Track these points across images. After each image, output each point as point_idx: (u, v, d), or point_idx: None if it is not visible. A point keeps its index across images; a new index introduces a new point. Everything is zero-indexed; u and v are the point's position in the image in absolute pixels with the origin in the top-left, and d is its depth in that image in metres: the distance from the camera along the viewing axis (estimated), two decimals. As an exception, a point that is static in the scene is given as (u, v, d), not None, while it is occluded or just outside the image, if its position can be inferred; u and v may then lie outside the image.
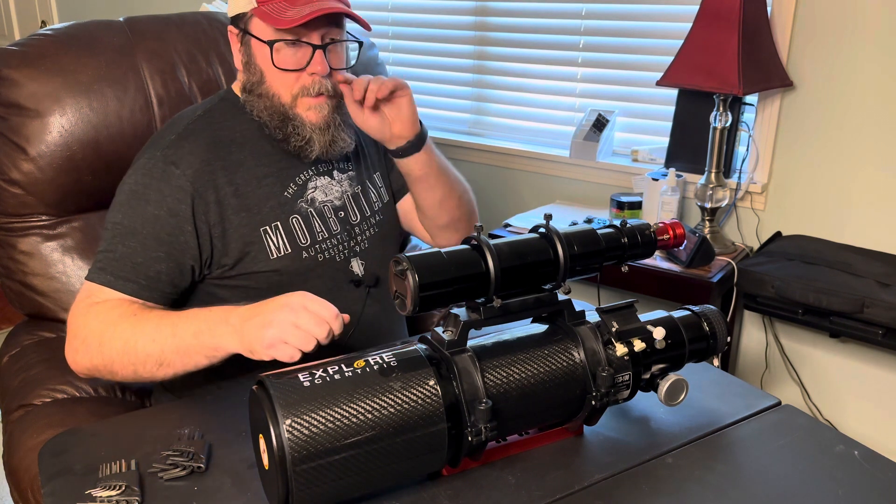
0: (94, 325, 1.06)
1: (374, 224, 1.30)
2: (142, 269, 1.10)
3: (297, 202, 1.20)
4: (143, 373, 1.04)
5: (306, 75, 1.15)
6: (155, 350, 1.02)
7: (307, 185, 1.22)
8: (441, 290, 0.80)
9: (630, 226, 0.94)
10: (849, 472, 0.87)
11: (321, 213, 1.22)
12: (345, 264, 1.23)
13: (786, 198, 2.04)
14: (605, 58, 2.32)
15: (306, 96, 1.16)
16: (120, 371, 1.05)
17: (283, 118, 1.16)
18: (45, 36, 1.40)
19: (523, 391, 0.84)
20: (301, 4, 1.11)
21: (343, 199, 1.26)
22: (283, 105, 1.16)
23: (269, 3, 1.12)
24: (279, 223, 1.17)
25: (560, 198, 2.43)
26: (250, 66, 1.17)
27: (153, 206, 1.11)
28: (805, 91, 1.95)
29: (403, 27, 2.76)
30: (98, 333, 1.05)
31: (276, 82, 1.15)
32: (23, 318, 1.45)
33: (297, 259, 1.18)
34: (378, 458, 0.76)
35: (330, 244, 1.22)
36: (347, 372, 0.77)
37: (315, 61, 1.14)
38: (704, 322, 0.96)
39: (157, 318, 1.04)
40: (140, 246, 1.10)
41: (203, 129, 1.18)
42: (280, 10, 1.11)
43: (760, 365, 2.15)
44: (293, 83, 1.15)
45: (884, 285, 1.71)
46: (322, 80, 1.15)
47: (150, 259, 1.10)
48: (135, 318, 1.05)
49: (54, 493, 0.82)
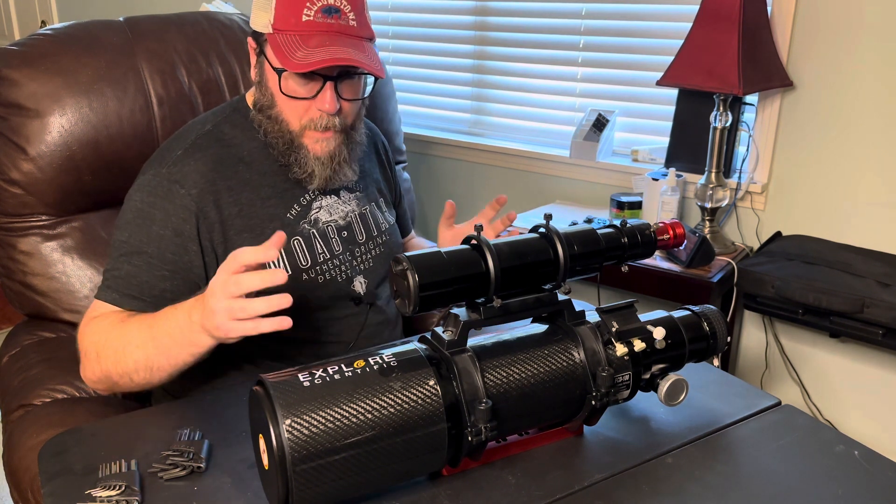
0: (91, 339, 1.07)
1: (381, 244, 1.29)
2: (146, 287, 1.10)
3: (299, 223, 1.19)
4: (139, 380, 1.04)
5: (314, 108, 1.13)
6: (142, 357, 1.02)
7: (311, 206, 1.21)
8: (441, 289, 0.80)
9: (630, 226, 0.94)
10: (849, 472, 0.87)
11: (324, 234, 1.21)
12: (347, 284, 1.23)
13: (786, 198, 2.04)
14: (605, 58, 2.32)
15: (314, 130, 1.14)
16: (119, 381, 1.05)
17: (290, 146, 1.15)
18: (45, 36, 1.40)
19: (523, 391, 0.84)
20: (313, 47, 1.06)
21: (349, 219, 1.25)
22: (291, 132, 1.14)
23: (283, 34, 1.08)
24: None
25: (560, 198, 2.43)
26: (262, 86, 1.16)
27: (158, 226, 1.11)
28: (805, 91, 1.95)
29: (403, 27, 2.76)
30: (95, 346, 1.06)
31: (286, 109, 1.14)
32: (23, 318, 1.45)
33: (297, 281, 1.17)
34: (378, 458, 0.76)
35: (331, 265, 1.21)
36: (347, 372, 0.77)
37: (323, 98, 1.11)
38: (704, 322, 0.96)
39: (138, 323, 1.04)
40: (145, 265, 1.10)
41: (210, 146, 1.17)
42: (291, 48, 1.07)
43: (760, 365, 2.15)
44: (302, 113, 1.13)
45: (884, 285, 1.71)
46: (329, 116, 1.12)
47: (154, 277, 1.10)
48: (122, 325, 1.05)
49: (54, 493, 0.82)
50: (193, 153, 1.15)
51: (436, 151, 2.66)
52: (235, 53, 1.55)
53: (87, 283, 1.39)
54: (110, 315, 1.08)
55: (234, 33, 1.57)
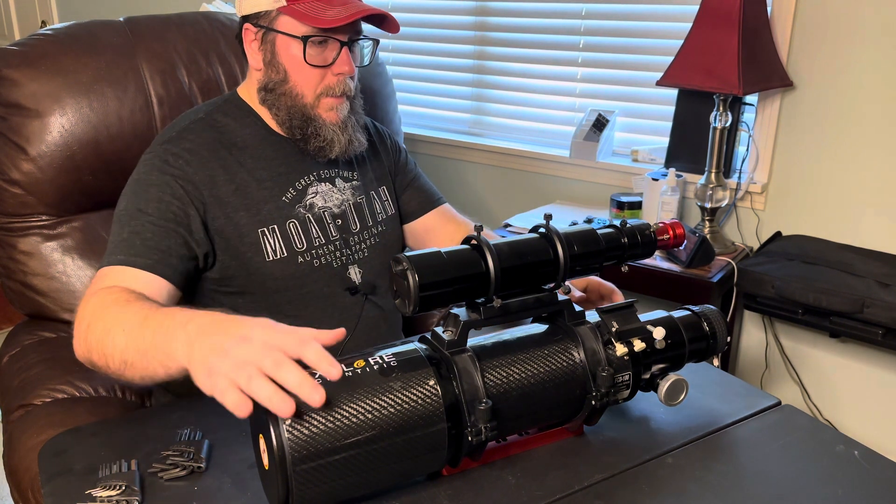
0: (90, 308, 0.97)
1: (376, 234, 1.29)
2: (152, 243, 1.07)
3: (294, 207, 1.20)
4: (114, 368, 0.91)
5: (331, 75, 1.16)
6: (121, 343, 0.89)
7: (307, 191, 1.22)
8: (441, 290, 0.80)
9: (630, 226, 0.94)
10: (849, 472, 0.87)
11: (319, 219, 1.22)
12: (342, 271, 1.23)
13: (786, 198, 2.04)
14: (605, 58, 2.32)
15: (329, 96, 1.17)
16: (97, 362, 0.94)
17: (305, 118, 1.17)
18: (45, 36, 1.40)
19: (523, 391, 0.84)
20: (338, 5, 1.13)
21: (343, 207, 1.25)
22: (305, 105, 1.17)
23: (303, 3, 1.13)
24: (276, 226, 1.17)
25: (560, 198, 2.43)
26: (273, 63, 1.17)
27: (156, 189, 1.11)
28: (805, 91, 1.95)
29: (403, 27, 2.73)
30: (89, 316, 0.95)
31: (301, 80, 1.16)
32: (23, 318, 1.45)
33: (292, 263, 1.18)
34: (378, 457, 0.76)
35: (326, 250, 1.22)
36: (347, 372, 0.77)
37: (342, 60, 1.16)
38: (704, 322, 0.96)
39: (138, 307, 0.92)
40: (148, 223, 1.08)
41: (203, 130, 1.18)
42: (317, 10, 1.12)
43: (760, 365, 2.15)
44: (318, 82, 1.16)
45: (884, 285, 1.71)
46: (347, 80, 1.18)
47: (158, 234, 1.08)
48: (123, 305, 0.93)
49: (54, 493, 0.82)
50: (187, 135, 1.17)
51: (436, 151, 2.66)
52: (235, 53, 1.55)
53: (88, 283, 1.39)
54: (121, 291, 0.98)
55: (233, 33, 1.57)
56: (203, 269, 1.16)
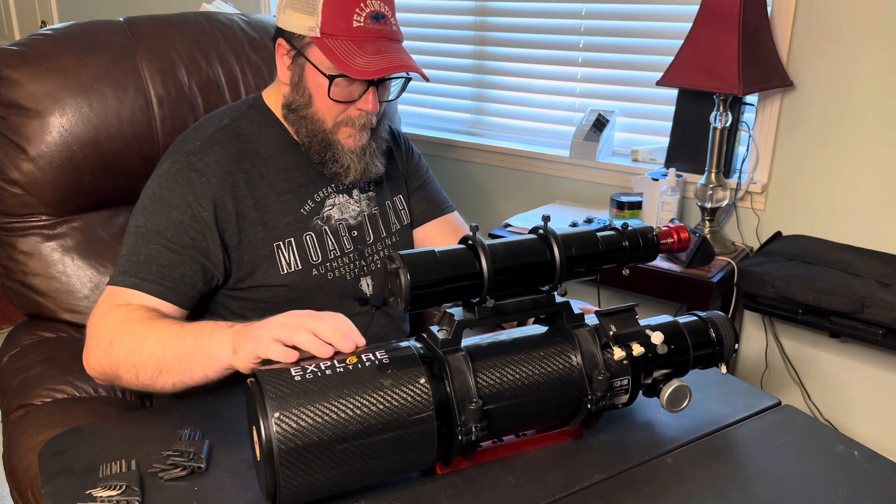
0: (110, 325, 1.03)
1: (390, 245, 1.30)
2: (167, 271, 1.09)
3: (312, 219, 1.20)
4: (144, 378, 1.00)
5: (354, 108, 1.16)
6: (157, 352, 0.98)
7: (325, 203, 1.22)
8: (433, 289, 0.80)
9: (632, 228, 0.93)
10: (849, 472, 0.87)
11: (335, 231, 1.22)
12: (354, 283, 1.24)
13: (786, 198, 2.04)
14: (605, 58, 2.32)
15: (349, 126, 1.17)
16: (123, 375, 1.02)
17: (325, 143, 1.17)
18: (45, 36, 1.40)
19: (517, 392, 0.83)
20: (370, 54, 1.10)
21: (359, 219, 1.26)
22: (325, 131, 1.17)
23: (334, 39, 1.10)
24: (293, 239, 1.18)
25: (560, 198, 2.43)
26: (300, 87, 1.17)
27: (177, 211, 1.11)
28: (805, 91, 1.95)
29: (403, 27, 2.73)
30: (111, 332, 1.02)
31: (324, 108, 1.16)
32: (23, 318, 1.45)
33: (306, 276, 1.18)
34: (366, 453, 0.76)
35: (341, 262, 1.22)
36: (339, 368, 0.78)
37: (366, 100, 1.15)
38: (711, 328, 0.95)
39: (169, 323, 1.02)
40: (165, 248, 1.09)
41: (227, 139, 1.18)
42: (348, 54, 1.09)
43: (760, 365, 2.15)
44: (340, 112, 1.16)
45: (884, 285, 1.71)
46: (368, 116, 1.17)
47: (174, 262, 1.09)
48: (151, 322, 1.02)
49: (54, 493, 0.82)
50: (212, 145, 1.16)
51: (436, 151, 2.66)
52: (235, 53, 1.55)
53: (87, 283, 1.39)
54: (139, 309, 1.05)
55: (234, 33, 1.57)
56: (219, 286, 1.17)
